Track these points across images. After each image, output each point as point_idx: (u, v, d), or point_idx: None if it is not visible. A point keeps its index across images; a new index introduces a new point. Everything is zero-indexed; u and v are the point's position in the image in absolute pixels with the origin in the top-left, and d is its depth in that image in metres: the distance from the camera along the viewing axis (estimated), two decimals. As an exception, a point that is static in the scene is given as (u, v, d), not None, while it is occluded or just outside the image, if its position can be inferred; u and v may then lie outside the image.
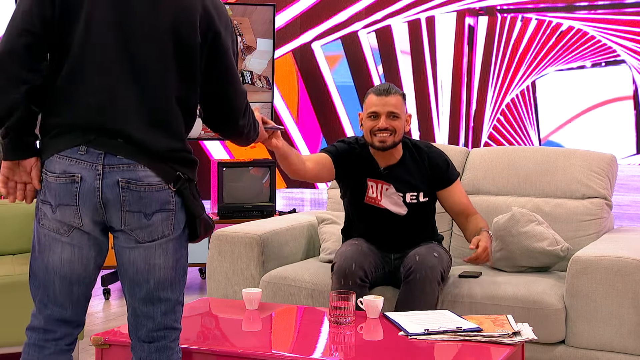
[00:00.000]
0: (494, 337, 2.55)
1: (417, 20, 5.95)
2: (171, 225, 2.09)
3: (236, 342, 2.72)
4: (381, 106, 3.20)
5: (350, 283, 3.07)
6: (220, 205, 5.24)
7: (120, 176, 2.02)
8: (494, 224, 3.49)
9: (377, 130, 3.20)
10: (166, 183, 2.06)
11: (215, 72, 2.17)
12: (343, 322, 2.69)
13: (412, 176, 3.31)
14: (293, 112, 6.37)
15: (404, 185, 3.29)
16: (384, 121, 3.19)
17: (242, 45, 5.40)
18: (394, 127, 3.20)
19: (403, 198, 3.30)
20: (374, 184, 3.29)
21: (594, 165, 3.65)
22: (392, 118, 3.20)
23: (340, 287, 3.07)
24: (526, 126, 5.70)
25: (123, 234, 2.11)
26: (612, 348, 3.01)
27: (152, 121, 2.05)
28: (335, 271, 3.14)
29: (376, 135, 3.22)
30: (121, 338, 2.60)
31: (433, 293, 3.07)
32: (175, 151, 2.09)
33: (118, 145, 2.02)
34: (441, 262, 3.13)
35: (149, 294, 2.11)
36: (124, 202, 2.04)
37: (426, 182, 3.33)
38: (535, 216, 3.45)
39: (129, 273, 2.13)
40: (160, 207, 2.07)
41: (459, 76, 5.86)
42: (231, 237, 3.59)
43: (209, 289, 3.65)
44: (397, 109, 3.20)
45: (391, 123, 3.20)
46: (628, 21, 5.36)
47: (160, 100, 2.07)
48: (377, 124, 3.20)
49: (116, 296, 5.12)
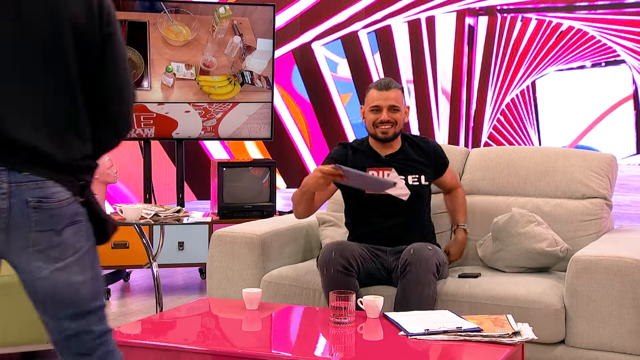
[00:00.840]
0: (494, 337, 2.55)
1: (417, 20, 5.95)
2: (83, 237, 1.96)
3: (236, 342, 2.72)
4: (383, 100, 3.40)
5: (332, 271, 3.13)
6: (220, 205, 5.24)
7: (29, 195, 1.85)
8: (493, 224, 3.49)
9: (380, 122, 3.41)
10: (74, 195, 1.93)
11: (105, 55, 2.00)
12: (343, 322, 2.69)
13: (412, 161, 3.48)
14: (293, 112, 6.37)
15: (405, 168, 3.45)
16: (386, 114, 3.39)
17: (242, 45, 5.40)
18: (395, 119, 3.41)
19: (405, 181, 3.43)
20: (375, 172, 3.43)
21: (594, 165, 3.65)
22: (393, 111, 3.41)
23: (325, 277, 3.14)
24: (526, 126, 5.70)
25: (32, 257, 1.92)
26: (612, 348, 3.01)
27: (51, 128, 1.89)
28: (318, 262, 3.23)
29: (379, 127, 3.42)
30: (121, 338, 2.60)
31: (429, 284, 3.09)
32: (81, 159, 1.95)
33: (21, 159, 1.85)
34: (436, 254, 3.17)
35: (78, 310, 1.97)
36: (35, 223, 1.87)
37: (426, 167, 3.49)
38: (534, 217, 3.45)
39: (49, 298, 1.96)
40: (70, 221, 1.93)
41: (459, 76, 5.86)
42: (231, 237, 3.59)
43: (209, 289, 3.65)
44: (398, 103, 3.40)
45: (392, 115, 3.40)
46: (628, 21, 5.36)
47: (58, 102, 1.91)
48: (380, 116, 3.40)
49: (116, 296, 5.13)
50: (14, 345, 3.54)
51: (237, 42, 5.37)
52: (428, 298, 3.08)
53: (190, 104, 5.34)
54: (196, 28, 5.29)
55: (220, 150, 6.54)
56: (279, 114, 6.32)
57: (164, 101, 5.29)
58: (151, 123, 5.30)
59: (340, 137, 6.17)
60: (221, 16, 5.30)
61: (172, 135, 5.41)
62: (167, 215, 3.96)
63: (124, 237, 5.07)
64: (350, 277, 3.15)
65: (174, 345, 2.56)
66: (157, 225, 4.60)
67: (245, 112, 5.45)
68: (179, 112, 5.34)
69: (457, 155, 3.85)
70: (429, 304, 3.08)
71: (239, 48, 5.38)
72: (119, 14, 5.15)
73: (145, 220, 3.87)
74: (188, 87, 5.33)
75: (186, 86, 5.32)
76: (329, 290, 3.13)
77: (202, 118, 5.39)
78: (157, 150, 6.19)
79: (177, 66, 5.29)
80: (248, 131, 5.51)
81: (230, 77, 5.39)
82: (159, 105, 5.29)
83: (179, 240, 5.20)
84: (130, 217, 3.83)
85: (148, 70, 5.24)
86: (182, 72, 5.30)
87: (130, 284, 5.52)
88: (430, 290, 3.09)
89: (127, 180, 6.12)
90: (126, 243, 5.09)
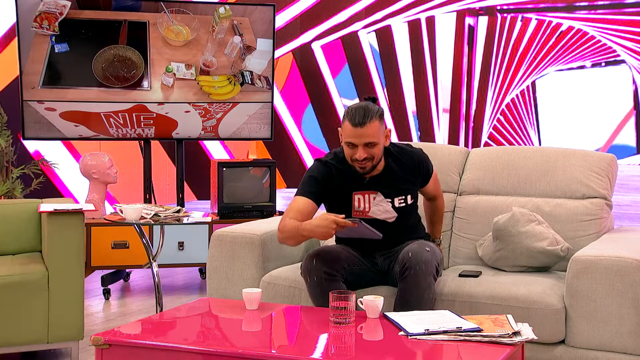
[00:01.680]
0: (494, 337, 2.55)
1: (417, 20, 5.95)
2: None
3: (236, 342, 2.72)
4: (357, 138, 3.14)
5: (315, 279, 3.11)
6: (220, 205, 5.24)
7: None
8: (494, 223, 3.49)
9: (356, 160, 3.19)
10: None
11: None
12: (343, 322, 2.69)
13: (398, 181, 3.31)
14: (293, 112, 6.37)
15: (391, 191, 3.30)
16: (362, 151, 3.16)
17: (242, 45, 5.40)
18: (372, 155, 3.18)
19: (392, 203, 3.31)
20: (361, 196, 3.29)
21: (594, 165, 3.65)
22: (370, 146, 3.17)
23: (309, 286, 3.14)
24: (526, 126, 5.71)
25: None
26: (612, 348, 3.01)
27: None
28: (302, 272, 3.21)
29: (356, 163, 3.21)
30: (121, 338, 2.60)
31: (429, 287, 3.08)
32: None
33: None
34: (434, 255, 3.15)
35: None
36: None
37: (412, 182, 3.35)
38: (535, 216, 3.45)
39: None
40: None
41: (459, 76, 5.86)
42: (231, 237, 3.59)
43: (209, 289, 3.65)
44: (374, 138, 3.15)
45: (369, 151, 3.17)
46: (628, 21, 5.36)
47: None
48: (356, 153, 3.17)
49: (116, 296, 5.13)
50: (14, 345, 3.54)
51: (237, 42, 5.37)
52: (428, 300, 3.07)
53: (190, 104, 5.34)
54: (196, 28, 5.29)
55: (220, 150, 6.54)
56: (279, 114, 6.31)
57: (164, 101, 5.29)
58: (151, 123, 5.30)
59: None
60: (221, 16, 5.30)
61: (172, 135, 5.41)
62: (167, 215, 3.96)
63: (124, 237, 5.07)
64: (334, 282, 3.10)
65: (174, 345, 2.56)
66: (157, 225, 4.60)
67: (245, 112, 5.45)
68: (179, 112, 5.34)
69: (457, 155, 3.85)
70: (428, 305, 3.08)
71: (239, 48, 5.38)
72: (119, 14, 5.17)
73: (145, 220, 3.87)
74: (188, 87, 5.33)
75: (186, 86, 5.32)
76: (315, 297, 3.14)
77: (202, 118, 5.39)
78: (157, 150, 6.19)
79: (177, 66, 5.29)
80: (248, 131, 5.51)
81: (230, 77, 5.39)
82: (159, 105, 5.29)
83: (179, 240, 5.20)
84: (130, 217, 3.83)
85: (148, 70, 5.25)
86: (182, 72, 5.30)
87: (130, 284, 5.52)
88: (430, 293, 3.09)
89: (127, 180, 6.12)
90: (126, 243, 5.09)
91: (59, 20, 5.07)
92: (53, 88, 5.12)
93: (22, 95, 5.07)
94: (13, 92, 5.56)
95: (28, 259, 3.77)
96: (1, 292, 3.47)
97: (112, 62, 5.20)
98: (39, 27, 5.04)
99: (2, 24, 5.80)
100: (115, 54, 5.20)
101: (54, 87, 5.12)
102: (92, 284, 5.38)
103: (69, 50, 5.13)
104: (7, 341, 3.51)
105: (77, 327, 3.61)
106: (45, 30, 5.06)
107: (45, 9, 5.04)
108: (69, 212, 3.60)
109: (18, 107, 5.16)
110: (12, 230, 3.95)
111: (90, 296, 5.08)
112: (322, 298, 3.07)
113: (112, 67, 5.20)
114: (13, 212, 3.97)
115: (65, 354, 3.82)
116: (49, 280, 3.55)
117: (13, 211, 3.97)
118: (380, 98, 6.06)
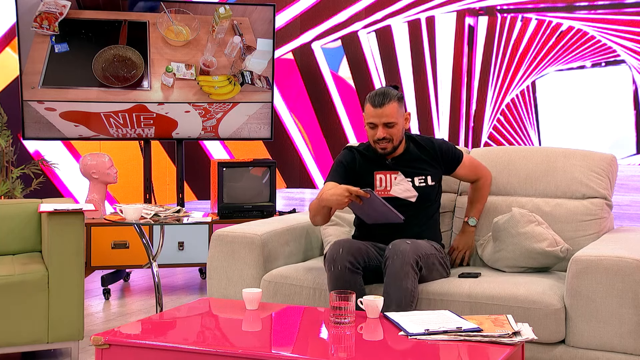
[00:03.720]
0: (494, 337, 2.55)
1: (417, 20, 5.95)
2: None
3: (236, 342, 2.72)
4: (377, 118, 3.39)
5: (339, 268, 3.15)
6: (220, 205, 5.24)
7: None
8: (493, 224, 3.50)
9: (377, 140, 3.42)
10: None
11: None
12: (343, 322, 2.69)
13: (418, 162, 3.50)
14: (293, 112, 6.37)
15: (411, 170, 3.48)
16: (382, 131, 3.40)
17: (242, 45, 5.40)
18: (391, 135, 3.41)
19: (412, 183, 3.47)
20: (382, 176, 3.47)
21: (594, 165, 3.65)
22: (389, 127, 3.40)
23: (332, 274, 3.16)
24: (526, 126, 5.71)
25: None
26: (612, 348, 3.01)
27: None
28: (326, 259, 3.24)
29: (377, 144, 3.44)
30: (121, 338, 2.60)
31: (407, 276, 3.10)
32: None
33: None
34: (415, 248, 3.19)
35: None
36: None
37: (433, 166, 3.52)
38: (535, 217, 3.45)
39: None
40: None
41: (459, 76, 5.86)
42: (231, 237, 3.60)
43: (209, 289, 3.65)
44: (393, 118, 3.39)
45: (388, 131, 3.41)
46: (628, 21, 5.36)
47: None
48: (376, 133, 3.41)
49: (116, 296, 5.13)
50: (14, 345, 3.54)
51: (237, 42, 5.37)
52: (406, 290, 3.09)
53: (190, 104, 5.34)
54: (196, 28, 5.30)
55: (220, 150, 6.54)
56: (279, 114, 6.31)
57: (164, 101, 5.29)
58: (151, 123, 5.30)
59: (340, 136, 6.17)
60: (221, 16, 5.30)
61: (172, 135, 5.41)
62: (167, 215, 3.96)
63: (124, 237, 5.07)
64: (356, 274, 3.18)
65: (174, 345, 2.56)
66: (157, 225, 4.60)
67: (245, 112, 5.45)
68: (179, 112, 5.34)
69: (457, 155, 3.85)
70: (408, 296, 3.08)
71: (239, 48, 5.38)
72: (119, 14, 5.17)
73: (145, 220, 3.87)
74: (188, 87, 5.33)
75: (186, 86, 5.32)
76: (334, 287, 3.15)
77: (202, 118, 5.39)
78: (157, 150, 6.19)
79: (177, 66, 5.29)
80: (248, 131, 5.51)
81: (230, 77, 5.39)
82: (159, 105, 5.29)
83: (179, 240, 5.20)
84: (130, 217, 3.83)
85: (148, 70, 5.25)
86: (182, 72, 5.30)
87: (130, 284, 5.52)
88: (408, 282, 3.10)
89: (127, 180, 6.12)
90: (126, 243, 5.09)
91: (59, 20, 5.07)
92: (53, 88, 5.12)
93: (22, 95, 5.07)
94: (13, 92, 5.56)
95: (28, 259, 3.77)
96: (1, 292, 3.47)
97: (112, 62, 5.20)
98: (39, 27, 5.05)
99: (2, 24, 5.80)
100: (115, 54, 5.20)
101: (54, 87, 5.13)
102: (92, 284, 5.38)
103: (69, 50, 5.13)
104: (7, 341, 3.51)
105: (77, 327, 3.61)
106: (45, 30, 5.06)
107: (45, 9, 5.04)
108: (69, 212, 3.60)
109: (18, 107, 5.16)
110: (12, 230, 3.95)
111: (90, 296, 5.08)
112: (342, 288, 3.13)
113: (112, 67, 5.20)
114: (13, 212, 3.97)
115: (65, 354, 3.82)
116: (49, 280, 3.55)
117: (13, 211, 3.97)
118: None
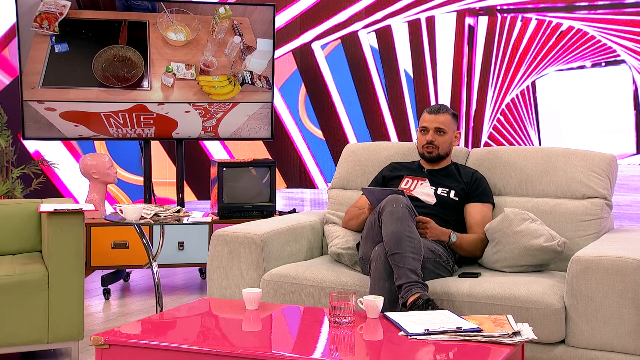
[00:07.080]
0: (494, 337, 2.55)
1: (417, 20, 5.95)
2: None
3: (236, 342, 2.72)
4: (430, 122, 3.66)
5: (402, 206, 3.20)
6: (220, 205, 5.24)
7: None
8: (486, 230, 3.50)
9: (425, 143, 3.66)
10: None
11: None
12: (343, 322, 2.69)
13: (449, 180, 3.66)
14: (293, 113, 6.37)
15: (439, 181, 3.66)
16: (431, 135, 3.64)
17: (242, 45, 5.40)
18: (438, 143, 3.64)
19: (435, 191, 3.62)
20: (410, 179, 3.68)
21: (594, 165, 3.65)
22: (439, 134, 3.64)
23: (393, 209, 3.19)
24: (526, 126, 5.70)
25: None
26: (612, 348, 3.01)
27: None
28: (387, 199, 3.25)
29: (425, 147, 3.67)
30: (121, 338, 2.60)
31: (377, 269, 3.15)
32: None
33: None
34: None
35: None
36: None
37: (462, 189, 3.62)
38: (528, 214, 3.45)
39: None
40: None
41: (459, 76, 5.86)
42: (231, 237, 3.60)
43: (209, 289, 3.65)
44: (445, 126, 3.64)
45: (437, 138, 3.65)
46: (628, 21, 5.36)
47: None
48: (426, 137, 3.65)
49: (116, 296, 5.13)
50: (14, 345, 3.54)
51: (237, 42, 5.37)
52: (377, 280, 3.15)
53: (190, 104, 5.34)
54: (196, 28, 5.30)
55: (220, 150, 6.54)
56: (279, 114, 6.31)
57: (164, 101, 5.29)
58: (151, 123, 5.31)
59: (341, 137, 6.17)
60: (221, 16, 5.30)
61: (172, 135, 5.41)
62: (167, 215, 3.96)
63: (124, 237, 5.07)
64: (412, 218, 3.21)
65: (174, 345, 2.56)
66: (157, 225, 4.60)
67: (245, 112, 5.45)
68: (179, 112, 5.34)
69: (457, 156, 3.86)
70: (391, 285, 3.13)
71: (239, 48, 5.38)
72: (119, 14, 5.17)
73: (145, 220, 3.87)
74: (188, 87, 5.33)
75: (186, 86, 5.32)
76: (390, 223, 3.15)
77: (202, 118, 5.39)
78: (157, 150, 6.19)
79: (177, 66, 5.29)
80: (248, 131, 5.51)
81: (230, 77, 5.39)
82: (159, 105, 5.29)
83: (179, 240, 5.20)
84: (130, 217, 3.83)
85: (148, 70, 5.25)
86: (182, 72, 5.30)
87: (130, 284, 5.52)
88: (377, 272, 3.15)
89: (127, 180, 6.12)
90: (126, 243, 5.09)
91: (59, 20, 5.07)
92: (53, 88, 5.12)
93: (22, 95, 5.07)
94: (13, 92, 5.56)
95: (28, 259, 3.77)
96: (1, 292, 3.47)
97: (112, 62, 5.20)
98: (39, 27, 5.04)
99: (2, 24, 5.80)
100: (115, 54, 5.20)
101: (54, 87, 5.13)
102: (92, 284, 5.38)
103: (69, 50, 5.13)
104: (7, 341, 3.51)
105: (77, 327, 3.61)
106: (45, 30, 5.06)
107: (45, 9, 5.04)
108: (69, 212, 3.60)
109: (18, 107, 5.16)
110: (12, 230, 3.95)
111: (90, 296, 5.08)
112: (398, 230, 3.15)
113: (112, 67, 5.20)
114: (13, 212, 3.97)
115: (65, 354, 3.82)
116: (49, 280, 3.55)
117: (13, 211, 3.97)
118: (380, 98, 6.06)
